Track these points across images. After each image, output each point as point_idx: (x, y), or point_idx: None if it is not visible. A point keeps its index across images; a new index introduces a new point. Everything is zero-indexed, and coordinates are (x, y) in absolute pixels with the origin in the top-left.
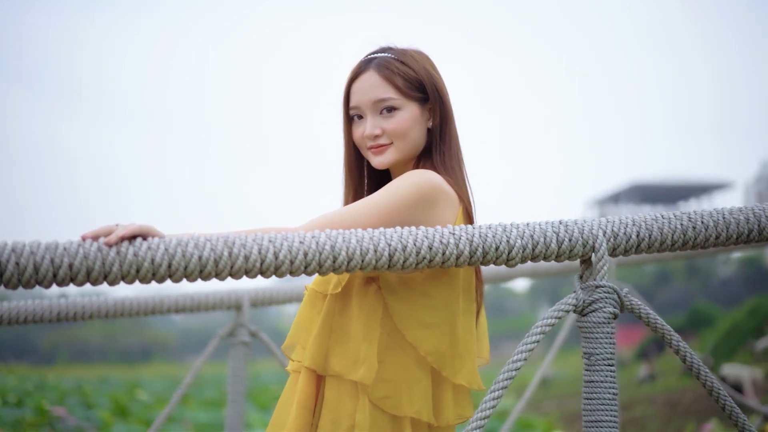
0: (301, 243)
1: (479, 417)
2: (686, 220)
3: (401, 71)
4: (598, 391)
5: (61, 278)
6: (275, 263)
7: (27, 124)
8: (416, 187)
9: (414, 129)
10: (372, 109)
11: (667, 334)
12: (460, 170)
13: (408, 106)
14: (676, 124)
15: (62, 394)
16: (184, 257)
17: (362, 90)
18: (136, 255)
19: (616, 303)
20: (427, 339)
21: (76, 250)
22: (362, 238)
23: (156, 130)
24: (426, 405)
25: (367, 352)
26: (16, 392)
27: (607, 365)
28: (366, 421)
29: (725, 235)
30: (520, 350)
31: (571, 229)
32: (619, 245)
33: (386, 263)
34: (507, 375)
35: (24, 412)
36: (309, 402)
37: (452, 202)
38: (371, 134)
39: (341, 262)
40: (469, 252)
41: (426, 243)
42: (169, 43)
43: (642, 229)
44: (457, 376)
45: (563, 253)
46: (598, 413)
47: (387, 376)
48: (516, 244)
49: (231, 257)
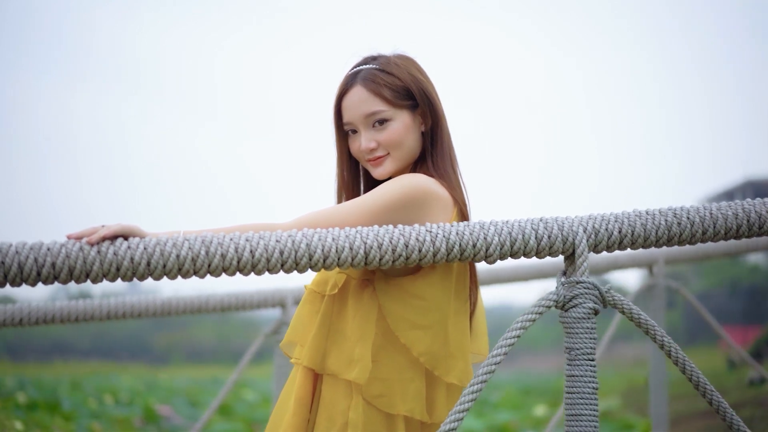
0: (277, 242)
1: (458, 410)
2: (671, 216)
3: (387, 82)
4: (579, 385)
5: (45, 276)
6: (252, 261)
7: (33, 95)
8: (405, 189)
9: (408, 137)
10: (364, 124)
11: (651, 329)
12: (453, 172)
13: (399, 116)
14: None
15: (171, 393)
16: (162, 256)
17: (352, 106)
18: (116, 254)
19: (597, 299)
20: (420, 340)
21: (58, 250)
22: (338, 237)
23: (165, 100)
24: (419, 403)
25: (362, 353)
26: (128, 391)
27: (587, 360)
28: (359, 419)
29: (712, 230)
30: (500, 345)
31: (551, 226)
32: (600, 241)
33: (362, 260)
34: (486, 370)
35: (133, 411)
36: (306, 399)
37: (445, 205)
38: (367, 148)
39: (317, 260)
40: (446, 249)
41: (402, 241)
42: (181, 12)
43: (624, 225)
44: (449, 375)
45: (543, 250)
46: (578, 407)
47: (381, 375)
48: (493, 241)
49: (208, 256)
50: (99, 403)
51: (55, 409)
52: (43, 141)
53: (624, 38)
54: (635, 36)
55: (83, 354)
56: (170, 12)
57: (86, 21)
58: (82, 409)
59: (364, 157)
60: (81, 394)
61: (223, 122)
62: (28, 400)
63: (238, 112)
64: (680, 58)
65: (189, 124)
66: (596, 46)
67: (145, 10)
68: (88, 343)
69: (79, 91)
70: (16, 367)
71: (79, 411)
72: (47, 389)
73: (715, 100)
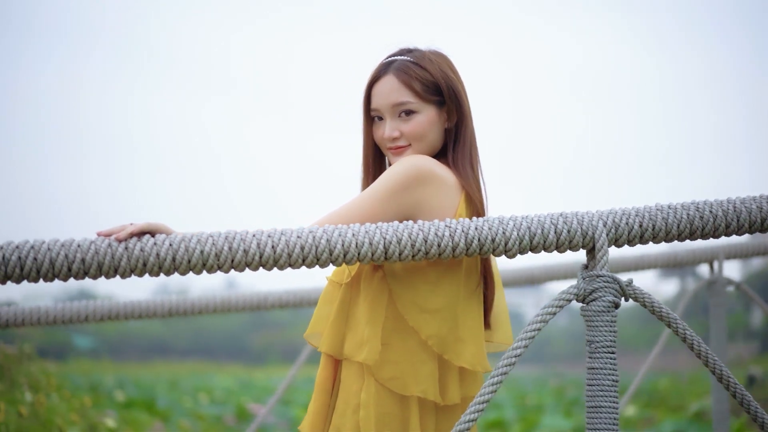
0: (299, 237)
1: (478, 401)
2: (693, 210)
3: (419, 75)
4: (598, 377)
5: (75, 272)
6: (273, 256)
7: (36, 81)
8: (405, 169)
9: (431, 131)
10: (391, 112)
11: (673, 322)
12: (472, 170)
13: (425, 110)
14: None
15: (265, 392)
16: (187, 251)
17: (382, 93)
18: (142, 250)
19: (617, 292)
20: (428, 323)
21: (88, 247)
22: (358, 232)
23: (173, 83)
24: (432, 385)
25: (370, 335)
26: (223, 390)
27: (607, 353)
28: (370, 400)
29: (736, 224)
30: (521, 337)
31: (570, 221)
32: (621, 236)
33: (381, 255)
34: (507, 362)
35: (226, 410)
36: (327, 384)
37: (449, 186)
38: (390, 136)
39: (337, 255)
40: (465, 244)
41: (421, 236)
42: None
43: (645, 220)
44: (459, 359)
45: (562, 245)
46: (598, 399)
47: (393, 358)
48: (512, 235)
49: (231, 251)
50: (194, 401)
51: (150, 407)
52: (49, 129)
53: (647, 33)
54: (656, 30)
55: (182, 354)
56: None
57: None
58: (177, 407)
59: (386, 145)
60: (177, 393)
61: (229, 106)
62: (126, 398)
63: (246, 96)
64: (710, 52)
65: (197, 107)
66: (625, 41)
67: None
68: (187, 343)
69: (85, 79)
70: (116, 367)
71: (174, 409)
72: (145, 388)
73: (753, 96)
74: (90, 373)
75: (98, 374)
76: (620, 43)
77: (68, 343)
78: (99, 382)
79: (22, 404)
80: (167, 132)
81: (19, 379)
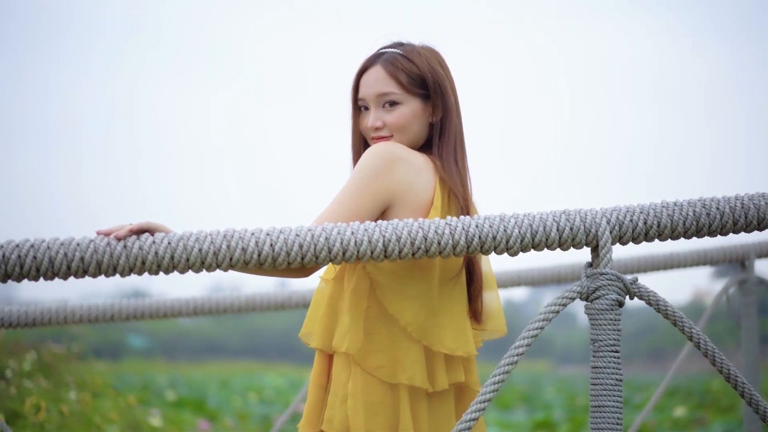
0: (297, 235)
1: (480, 401)
2: (699, 207)
3: (405, 68)
4: (602, 376)
5: (75, 270)
6: (272, 254)
7: (40, 73)
8: (369, 159)
9: (414, 123)
10: (376, 102)
11: (679, 321)
12: (456, 165)
13: (409, 102)
14: None
15: None
16: (185, 249)
17: (368, 83)
18: (141, 248)
19: (621, 290)
20: (407, 310)
21: (87, 245)
22: (357, 230)
23: (179, 70)
24: (419, 371)
25: (351, 323)
26: (272, 390)
27: (611, 351)
28: (358, 390)
29: (744, 221)
30: (524, 336)
31: (573, 218)
32: (625, 233)
33: (381, 253)
34: (509, 360)
35: (274, 409)
36: (321, 380)
37: (418, 166)
38: (373, 126)
39: (336, 253)
40: (466, 242)
41: (420, 233)
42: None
43: (650, 217)
44: (437, 344)
45: (565, 242)
46: (602, 398)
47: (379, 347)
48: (513, 233)
49: (229, 249)
50: (243, 401)
51: (200, 406)
52: (49, 121)
53: (652, 26)
54: (659, 23)
55: (233, 354)
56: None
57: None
58: (227, 406)
59: (370, 134)
60: (227, 393)
61: (234, 102)
62: (176, 397)
63: (251, 91)
64: (711, 49)
65: (200, 105)
66: (625, 35)
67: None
68: (238, 343)
69: (85, 79)
70: (169, 366)
71: (224, 409)
72: (196, 387)
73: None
74: (143, 372)
75: (151, 374)
76: (624, 38)
77: (123, 343)
78: (151, 381)
79: (65, 403)
80: (168, 131)
81: (65, 378)
